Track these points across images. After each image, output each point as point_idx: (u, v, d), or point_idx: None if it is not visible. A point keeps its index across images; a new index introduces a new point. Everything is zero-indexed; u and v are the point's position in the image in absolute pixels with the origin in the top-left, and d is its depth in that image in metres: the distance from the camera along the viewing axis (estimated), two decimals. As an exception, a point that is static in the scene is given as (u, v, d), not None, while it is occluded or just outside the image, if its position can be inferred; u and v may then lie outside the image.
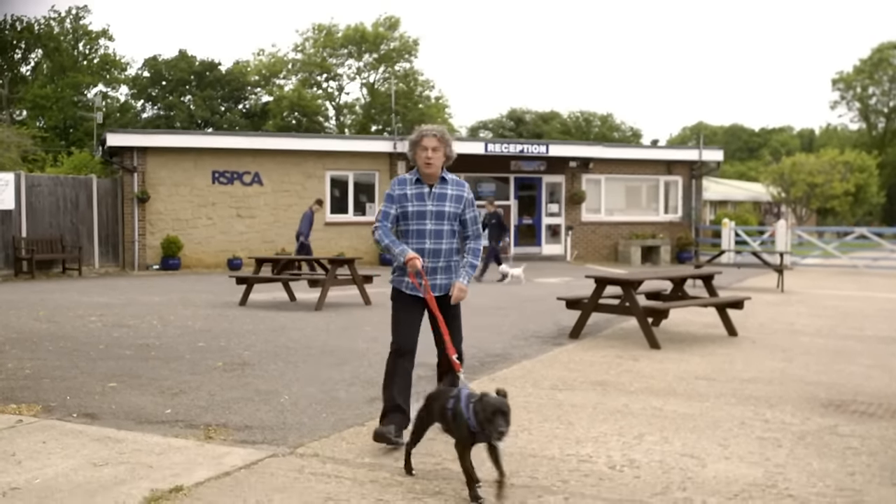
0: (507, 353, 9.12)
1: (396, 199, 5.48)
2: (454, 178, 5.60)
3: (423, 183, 5.49)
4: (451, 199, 5.50)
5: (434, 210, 5.44)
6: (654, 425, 6.08)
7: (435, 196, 5.47)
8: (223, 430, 5.83)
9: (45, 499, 4.43)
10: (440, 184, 5.49)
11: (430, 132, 5.46)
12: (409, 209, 5.43)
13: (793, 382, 7.61)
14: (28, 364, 8.23)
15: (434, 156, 5.41)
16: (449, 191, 5.50)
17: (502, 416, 4.25)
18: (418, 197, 5.46)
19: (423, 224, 5.43)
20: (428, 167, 5.42)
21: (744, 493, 4.63)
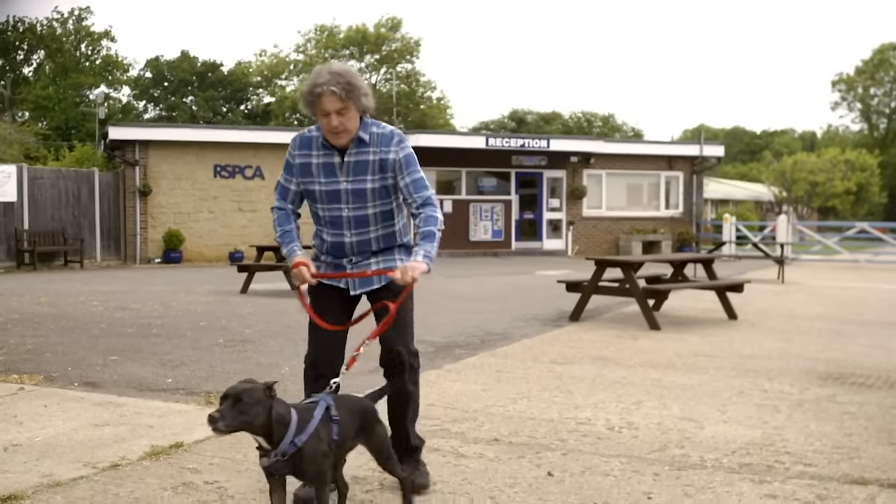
0: (507, 332, 9.15)
1: (297, 171, 3.83)
2: (378, 132, 3.80)
3: (331, 147, 3.76)
4: (374, 168, 3.76)
5: (350, 189, 3.77)
6: (652, 394, 6.11)
7: (349, 168, 3.75)
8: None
9: (46, 454, 4.46)
10: (356, 146, 3.75)
11: (328, 84, 3.58)
12: (315, 189, 3.79)
13: (792, 359, 7.63)
14: (30, 340, 8.27)
15: (341, 122, 3.64)
16: (370, 156, 3.76)
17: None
18: (327, 170, 3.77)
19: (336, 210, 3.80)
20: (337, 138, 3.70)
21: (741, 451, 4.66)
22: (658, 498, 3.88)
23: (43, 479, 4.01)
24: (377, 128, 3.82)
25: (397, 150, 3.79)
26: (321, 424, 3.17)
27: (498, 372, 6.87)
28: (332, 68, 3.68)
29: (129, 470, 4.21)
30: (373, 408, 3.52)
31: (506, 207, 25.39)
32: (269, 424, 3.01)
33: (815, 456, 4.57)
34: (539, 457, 4.51)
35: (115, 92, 56.49)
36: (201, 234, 22.59)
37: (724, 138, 74.31)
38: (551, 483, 4.09)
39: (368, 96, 3.73)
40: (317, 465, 3.11)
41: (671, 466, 4.36)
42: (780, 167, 40.53)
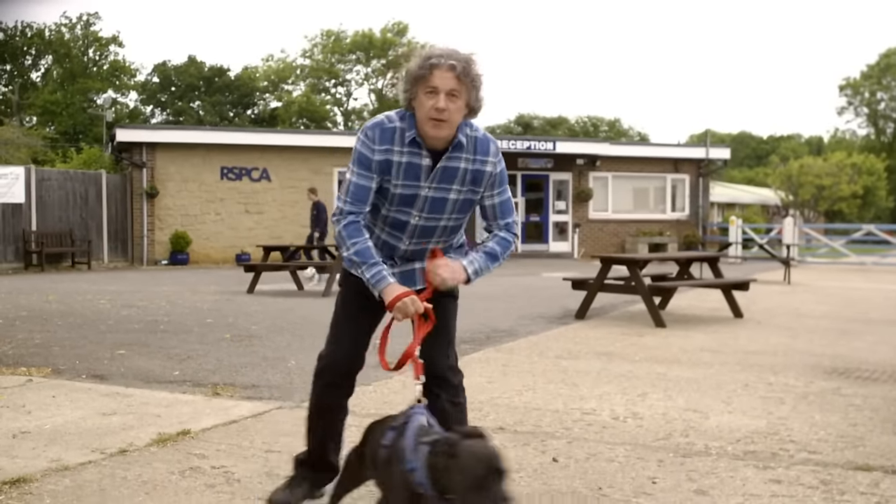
0: (513, 329, 9.16)
1: (377, 168, 3.12)
2: (472, 135, 3.19)
3: (422, 147, 3.12)
4: (465, 178, 3.17)
5: (431, 197, 3.17)
6: (657, 386, 6.12)
7: (438, 175, 3.15)
8: (230, 388, 5.89)
9: (55, 440, 4.50)
10: (453, 151, 3.13)
11: (447, 58, 3.03)
12: (388, 189, 3.16)
13: (797, 354, 7.63)
14: (38, 336, 8.32)
15: (450, 106, 3.01)
16: (462, 164, 3.16)
17: (498, 478, 2.36)
18: (409, 172, 3.13)
19: (405, 214, 3.20)
20: (437, 127, 3.04)
21: (746, 439, 4.67)
22: (662, 483, 3.89)
23: (51, 464, 4.05)
24: (470, 129, 3.19)
25: (495, 163, 3.23)
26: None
27: (503, 366, 6.89)
28: (450, 47, 3.12)
29: (137, 455, 4.24)
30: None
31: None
32: None
33: (819, 444, 4.58)
34: (544, 444, 4.53)
35: (122, 97, 56.78)
36: (208, 236, 22.66)
37: (730, 143, 74.32)
38: (556, 468, 4.11)
39: (482, 93, 3.16)
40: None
41: (675, 454, 4.38)
42: (787, 171, 40.48)
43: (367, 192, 3.14)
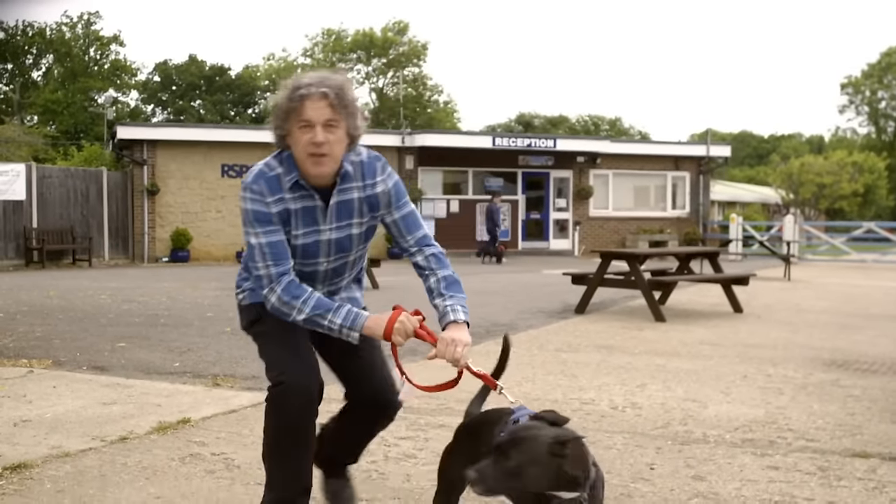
0: (513, 323, 9.18)
1: (278, 220, 2.81)
2: (358, 160, 2.93)
3: (308, 187, 2.84)
4: (362, 208, 2.92)
5: (335, 240, 2.92)
6: (656, 378, 6.14)
7: (334, 213, 2.89)
8: (231, 380, 5.91)
9: (55, 428, 4.52)
10: (342, 183, 2.87)
11: (318, 86, 2.74)
12: (291, 242, 2.86)
13: (797, 347, 7.65)
14: (39, 329, 8.34)
15: (329, 138, 2.75)
16: (355, 194, 2.90)
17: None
18: (306, 217, 2.86)
19: (312, 265, 2.93)
20: (319, 164, 2.77)
21: (744, 428, 4.69)
22: (660, 469, 3.91)
23: (52, 451, 4.07)
24: (355, 155, 2.92)
25: (385, 180, 2.95)
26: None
27: (503, 358, 6.89)
28: (320, 73, 2.83)
29: (137, 443, 4.26)
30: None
31: (512, 207, 25.44)
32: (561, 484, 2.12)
33: (817, 432, 4.60)
34: (543, 432, 4.54)
35: (123, 96, 56.79)
36: (209, 234, 22.69)
37: (731, 142, 74.39)
38: (554, 455, 4.12)
39: (362, 118, 2.88)
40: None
41: (674, 441, 4.40)
42: (787, 169, 40.50)
43: (283, 247, 2.81)
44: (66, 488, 3.54)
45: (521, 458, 2.08)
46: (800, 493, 3.57)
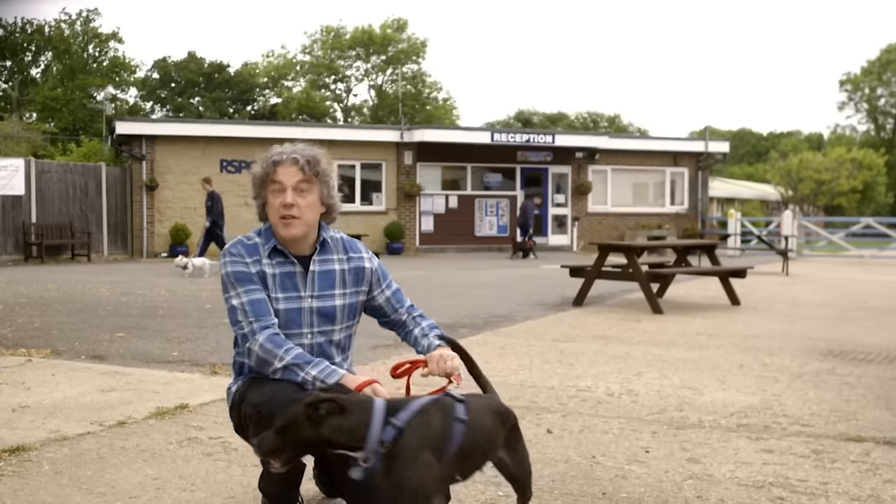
0: (511, 315, 9.20)
1: (259, 280, 2.86)
2: (338, 237, 3.05)
3: (287, 254, 2.91)
4: (344, 279, 2.98)
5: (317, 308, 2.91)
6: (653, 366, 6.16)
7: (315, 281, 2.92)
8: (229, 368, 5.90)
9: (54, 414, 4.54)
10: (321, 253, 2.96)
11: (290, 154, 2.88)
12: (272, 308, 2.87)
13: (793, 338, 7.67)
14: (38, 320, 8.36)
15: (299, 201, 2.84)
16: (336, 265, 2.97)
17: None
18: (286, 282, 2.89)
19: (297, 337, 2.88)
20: (288, 225, 2.85)
21: (740, 413, 4.71)
22: (655, 452, 3.93)
23: (50, 435, 4.09)
24: (334, 232, 3.05)
25: (371, 258, 3.06)
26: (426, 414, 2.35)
27: (501, 348, 6.93)
28: (296, 144, 2.96)
29: (136, 427, 4.28)
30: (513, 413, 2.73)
31: (511, 203, 25.45)
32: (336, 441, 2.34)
33: (812, 418, 4.62)
34: (539, 417, 4.58)
35: (122, 93, 56.76)
36: (208, 229, 22.68)
37: (730, 140, 74.43)
38: (551, 439, 4.16)
39: (336, 191, 2.96)
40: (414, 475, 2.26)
41: (669, 426, 4.42)
42: (786, 165, 40.47)
43: (265, 304, 2.81)
44: (65, 470, 3.56)
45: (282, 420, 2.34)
46: (794, 475, 3.59)
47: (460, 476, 2.46)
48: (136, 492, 3.30)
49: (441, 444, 2.33)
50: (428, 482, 2.27)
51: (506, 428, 2.60)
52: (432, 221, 24.64)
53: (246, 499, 3.23)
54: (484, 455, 2.51)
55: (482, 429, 2.45)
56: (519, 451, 2.65)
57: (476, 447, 2.43)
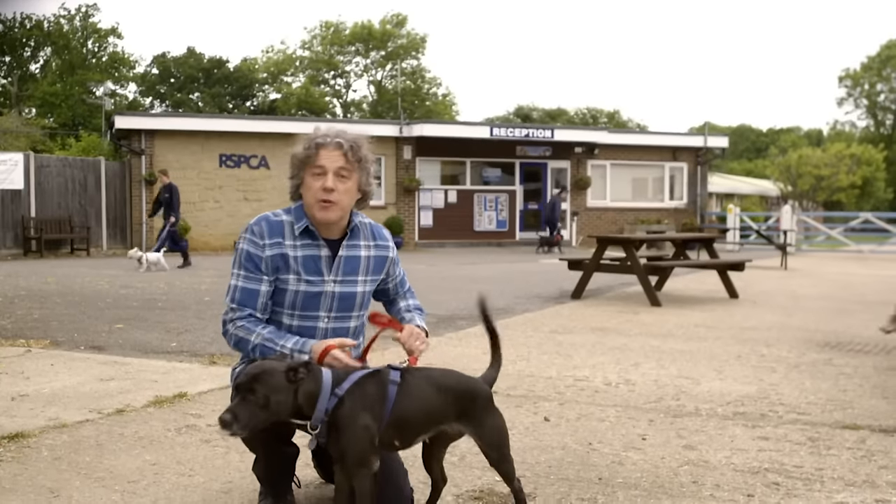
0: (509, 307, 9.22)
1: (269, 266, 2.85)
2: (365, 222, 3.06)
3: (317, 236, 2.90)
4: (368, 267, 2.99)
5: (338, 293, 2.91)
6: (650, 357, 6.18)
7: (341, 266, 2.92)
8: (227, 358, 5.94)
9: (53, 402, 4.55)
10: (351, 238, 2.96)
11: (334, 137, 2.86)
12: (288, 289, 2.86)
13: (791, 330, 7.69)
14: (37, 312, 8.37)
15: (339, 186, 2.84)
16: (363, 251, 2.98)
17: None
18: (309, 264, 2.87)
19: (311, 319, 2.89)
20: (326, 209, 2.84)
21: (736, 402, 4.73)
22: (652, 439, 3.95)
23: (49, 422, 4.11)
24: (362, 217, 3.06)
25: (392, 248, 3.11)
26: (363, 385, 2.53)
27: (498, 339, 6.93)
28: (339, 126, 2.99)
29: (134, 415, 4.30)
30: (485, 390, 2.79)
31: (510, 198, 25.45)
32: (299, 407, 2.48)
33: (808, 406, 4.64)
34: (536, 406, 4.60)
35: (121, 89, 56.71)
36: (207, 224, 22.70)
37: (730, 136, 74.34)
38: (548, 427, 4.17)
39: (370, 173, 2.96)
40: (352, 438, 2.46)
41: (666, 414, 4.44)
42: (786, 161, 40.47)
43: (254, 297, 2.83)
44: (63, 456, 3.58)
45: (265, 389, 2.37)
46: (789, 461, 3.61)
47: (399, 442, 2.62)
48: (135, 476, 3.32)
49: (379, 409, 2.51)
50: (368, 445, 2.47)
51: (461, 401, 2.67)
52: (431, 216, 24.64)
53: (244, 483, 3.25)
54: (424, 423, 2.63)
55: (419, 397, 2.59)
56: (486, 426, 2.71)
57: (412, 414, 2.57)
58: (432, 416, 2.64)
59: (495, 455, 2.72)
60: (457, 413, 2.67)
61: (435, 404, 2.64)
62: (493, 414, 2.75)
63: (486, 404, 2.73)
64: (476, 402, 2.72)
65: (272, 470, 2.89)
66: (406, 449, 2.73)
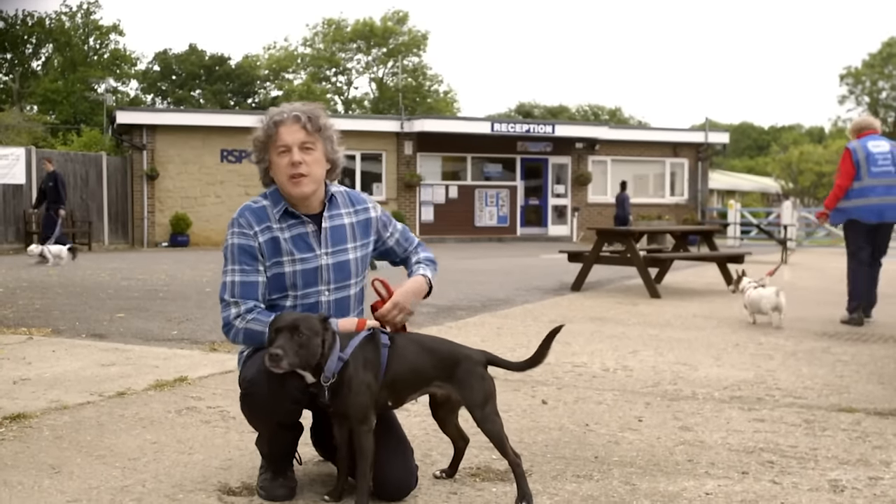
0: (509, 298, 9.25)
1: (265, 253, 2.90)
2: (342, 191, 3.11)
3: (298, 215, 2.94)
4: (353, 232, 3.04)
5: (332, 265, 2.96)
6: (649, 345, 6.21)
7: (328, 237, 2.97)
8: (228, 345, 5.96)
9: (54, 386, 4.59)
10: (331, 209, 3.01)
11: (290, 113, 2.90)
12: (286, 271, 2.90)
13: (789, 320, 7.69)
14: (38, 302, 8.41)
15: (307, 158, 2.87)
16: (346, 219, 3.04)
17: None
18: (299, 243, 2.92)
19: (313, 295, 2.94)
20: (298, 184, 2.87)
21: (733, 387, 4.76)
22: (648, 420, 3.98)
23: (51, 404, 4.14)
24: (337, 186, 3.11)
25: (375, 207, 3.15)
26: (362, 348, 2.72)
27: (497, 328, 6.98)
28: (293, 103, 3.00)
29: (135, 398, 4.33)
30: (475, 356, 2.87)
31: (511, 193, 25.48)
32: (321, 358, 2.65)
33: (805, 391, 4.67)
34: (534, 390, 4.63)
35: (123, 86, 56.72)
36: (208, 219, 22.73)
37: (731, 134, 74.33)
38: (545, 409, 4.21)
39: (338, 145, 3.01)
40: (355, 396, 2.66)
41: (663, 398, 4.47)
42: (787, 158, 40.49)
43: (255, 289, 2.87)
44: (65, 435, 3.61)
45: (307, 330, 2.58)
46: (784, 441, 3.64)
47: (392, 402, 2.82)
48: (136, 454, 3.35)
49: (376, 371, 2.72)
50: (369, 403, 2.68)
51: (446, 363, 2.82)
52: (432, 212, 24.67)
53: (243, 461, 3.28)
54: (413, 383, 2.81)
55: (408, 359, 2.78)
56: (468, 387, 2.81)
57: (402, 375, 2.76)
58: (420, 376, 2.80)
59: (478, 414, 2.80)
60: (443, 375, 2.81)
61: (422, 365, 2.80)
62: (479, 377, 2.84)
63: (471, 368, 2.84)
64: (460, 365, 2.82)
65: (276, 447, 2.91)
66: (398, 408, 2.91)
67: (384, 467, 2.77)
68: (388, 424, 2.90)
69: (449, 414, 3.01)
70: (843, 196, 7.86)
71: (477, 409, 2.80)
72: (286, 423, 2.84)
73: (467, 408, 2.84)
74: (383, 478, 2.78)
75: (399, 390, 2.79)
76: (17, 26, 50.31)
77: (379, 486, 2.78)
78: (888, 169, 7.58)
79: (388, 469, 2.79)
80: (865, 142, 7.79)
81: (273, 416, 2.78)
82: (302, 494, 2.90)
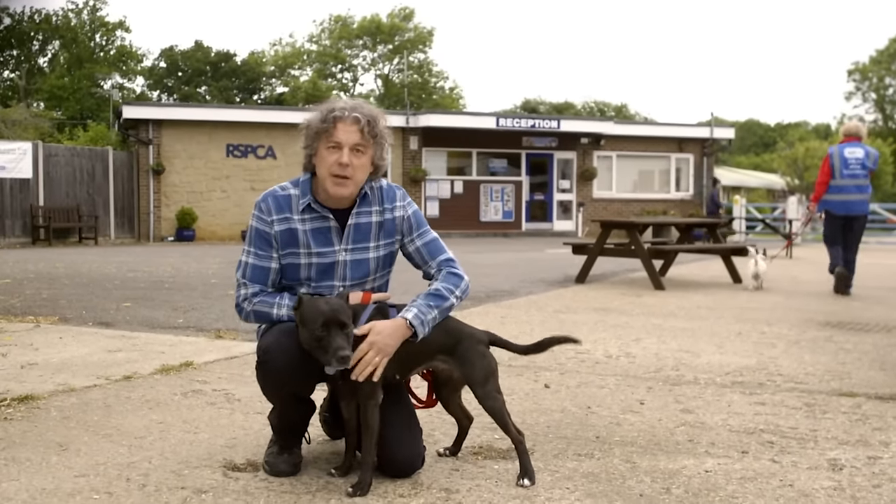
0: (514, 290, 9.29)
1: (279, 241, 2.90)
2: (382, 186, 3.02)
3: (325, 208, 2.91)
4: (377, 232, 2.97)
5: (350, 261, 2.94)
6: (652, 334, 6.24)
7: (351, 235, 2.94)
8: (233, 333, 6.02)
9: (62, 370, 4.64)
10: (360, 206, 2.95)
11: (352, 111, 2.84)
12: (301, 263, 2.91)
13: (793, 311, 7.73)
14: (46, 292, 8.48)
15: (354, 161, 2.83)
16: (373, 217, 2.97)
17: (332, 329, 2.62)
18: (318, 236, 2.90)
19: (327, 290, 2.91)
20: (340, 185, 2.85)
21: (735, 373, 4.79)
22: (650, 403, 4.01)
23: (58, 387, 4.19)
24: (374, 181, 3.00)
25: (405, 206, 3.01)
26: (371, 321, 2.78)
27: (502, 318, 7.01)
28: (355, 100, 2.94)
29: (141, 381, 4.38)
30: (478, 334, 2.92)
31: (516, 188, 25.50)
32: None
33: (806, 377, 4.69)
34: (537, 375, 4.67)
35: (129, 82, 56.86)
36: (214, 213, 22.81)
37: (737, 131, 74.14)
38: (548, 393, 4.24)
39: (387, 152, 2.96)
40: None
41: (665, 383, 4.50)
42: (792, 154, 40.39)
43: (265, 274, 2.90)
44: (72, 415, 3.65)
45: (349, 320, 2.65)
46: (784, 423, 3.67)
47: (399, 374, 2.85)
48: (142, 433, 3.39)
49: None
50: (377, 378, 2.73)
51: (448, 338, 2.87)
52: (438, 207, 24.71)
53: (247, 440, 3.32)
54: (416, 356, 2.85)
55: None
56: (470, 364, 2.86)
57: (407, 347, 2.78)
58: (425, 349, 2.84)
59: (479, 391, 2.84)
60: (445, 349, 2.86)
61: (426, 337, 2.81)
62: (481, 355, 2.88)
63: (472, 345, 2.88)
64: (462, 342, 2.87)
65: (285, 420, 2.95)
66: (404, 379, 2.95)
67: (392, 445, 2.80)
68: (398, 404, 2.91)
69: (452, 393, 3.07)
70: (825, 192, 9.37)
71: (478, 387, 2.84)
72: (299, 394, 2.88)
73: (469, 385, 2.88)
74: (391, 455, 2.81)
75: (405, 362, 2.82)
76: (24, 23, 50.46)
77: (385, 463, 2.81)
78: (857, 172, 9.24)
79: (395, 447, 2.81)
80: (843, 148, 9.39)
81: (285, 386, 2.83)
82: (307, 470, 2.94)
